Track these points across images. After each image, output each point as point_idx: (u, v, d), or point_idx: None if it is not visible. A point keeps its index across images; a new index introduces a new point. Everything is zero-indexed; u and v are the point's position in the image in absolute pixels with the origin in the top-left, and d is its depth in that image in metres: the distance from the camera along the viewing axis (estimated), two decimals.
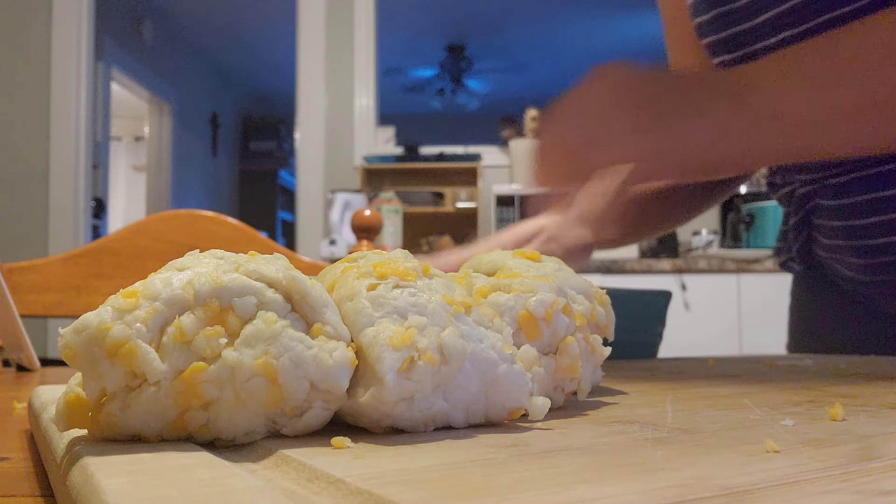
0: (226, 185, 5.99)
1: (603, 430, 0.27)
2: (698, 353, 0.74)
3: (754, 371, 0.49)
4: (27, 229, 3.05)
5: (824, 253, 0.69)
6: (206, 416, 0.25)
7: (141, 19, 4.44)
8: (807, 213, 0.69)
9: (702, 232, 2.84)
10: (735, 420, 0.28)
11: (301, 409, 0.26)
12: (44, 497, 0.26)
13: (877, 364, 0.53)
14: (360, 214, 1.11)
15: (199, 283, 0.25)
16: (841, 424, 0.27)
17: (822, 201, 0.66)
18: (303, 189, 3.12)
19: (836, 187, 0.64)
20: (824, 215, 0.67)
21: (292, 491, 0.19)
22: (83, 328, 0.24)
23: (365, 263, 0.30)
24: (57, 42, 3.09)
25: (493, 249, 0.39)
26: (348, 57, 3.16)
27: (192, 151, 5.19)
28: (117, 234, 1.11)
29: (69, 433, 0.26)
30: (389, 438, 0.26)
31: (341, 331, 0.27)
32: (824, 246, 0.68)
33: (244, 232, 1.13)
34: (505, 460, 0.22)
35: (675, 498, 0.17)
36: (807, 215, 0.69)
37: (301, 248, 3.03)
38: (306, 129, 3.14)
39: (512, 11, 4.54)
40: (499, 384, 0.28)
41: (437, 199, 3.20)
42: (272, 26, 4.79)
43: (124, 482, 0.19)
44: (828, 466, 0.20)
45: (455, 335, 0.27)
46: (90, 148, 3.20)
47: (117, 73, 4.16)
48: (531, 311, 0.32)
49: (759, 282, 2.42)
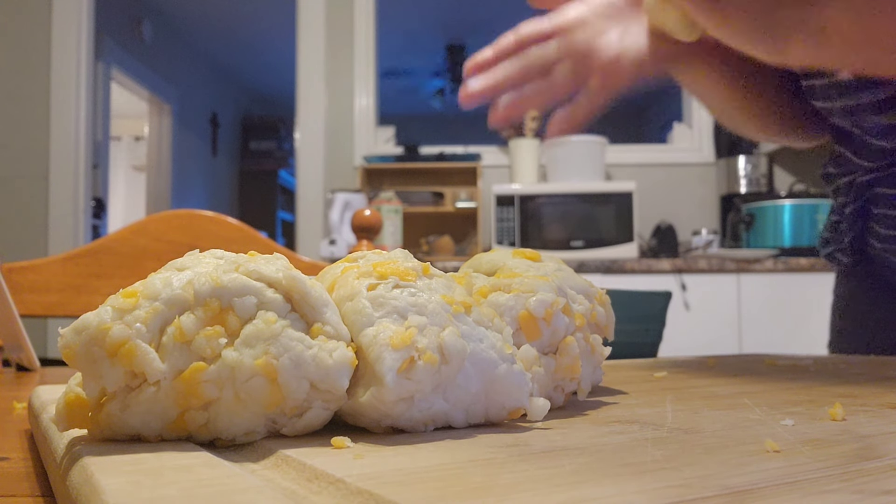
0: (226, 185, 5.99)
1: (603, 430, 0.27)
2: (698, 353, 0.73)
3: (754, 371, 0.49)
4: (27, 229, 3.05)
5: (880, 244, 0.68)
6: (206, 416, 0.25)
7: (141, 19, 4.44)
8: (866, 201, 0.68)
9: (702, 232, 2.84)
10: (735, 420, 0.28)
11: (301, 409, 0.26)
12: (44, 497, 0.26)
13: (877, 364, 0.53)
14: (359, 214, 1.11)
15: (199, 283, 0.25)
16: (841, 424, 0.27)
17: (884, 189, 0.65)
18: (303, 189, 3.12)
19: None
20: (885, 204, 0.65)
21: (292, 491, 0.19)
22: (83, 328, 0.24)
23: (365, 263, 0.30)
24: (57, 42, 3.09)
25: None
26: (348, 57, 3.16)
27: (191, 151, 5.19)
28: (117, 234, 1.11)
29: (69, 433, 0.26)
30: (389, 438, 0.26)
31: (341, 331, 0.27)
32: (882, 237, 0.67)
33: (244, 232, 1.13)
34: (505, 460, 0.22)
35: (675, 498, 0.17)
36: (866, 204, 0.68)
37: (301, 248, 3.03)
38: (306, 129, 3.15)
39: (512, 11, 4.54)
40: (499, 384, 0.28)
41: (436, 199, 3.19)
42: (272, 26, 4.79)
43: (124, 482, 0.19)
44: (828, 466, 0.20)
45: (455, 335, 0.27)
46: (90, 148, 3.20)
47: (117, 73, 4.16)
48: (531, 310, 0.32)
49: (759, 282, 2.42)
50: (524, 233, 2.67)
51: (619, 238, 2.63)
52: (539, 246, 2.66)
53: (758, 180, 2.89)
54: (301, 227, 3.11)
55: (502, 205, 2.68)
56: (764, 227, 2.69)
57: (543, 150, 2.96)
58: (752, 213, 2.74)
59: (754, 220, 2.72)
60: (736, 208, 2.83)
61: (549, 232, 2.68)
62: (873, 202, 0.67)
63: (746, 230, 2.75)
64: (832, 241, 0.75)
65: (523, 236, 2.67)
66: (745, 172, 2.89)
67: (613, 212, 2.65)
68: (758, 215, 2.72)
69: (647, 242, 2.87)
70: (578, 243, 2.65)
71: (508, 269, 0.35)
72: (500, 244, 2.66)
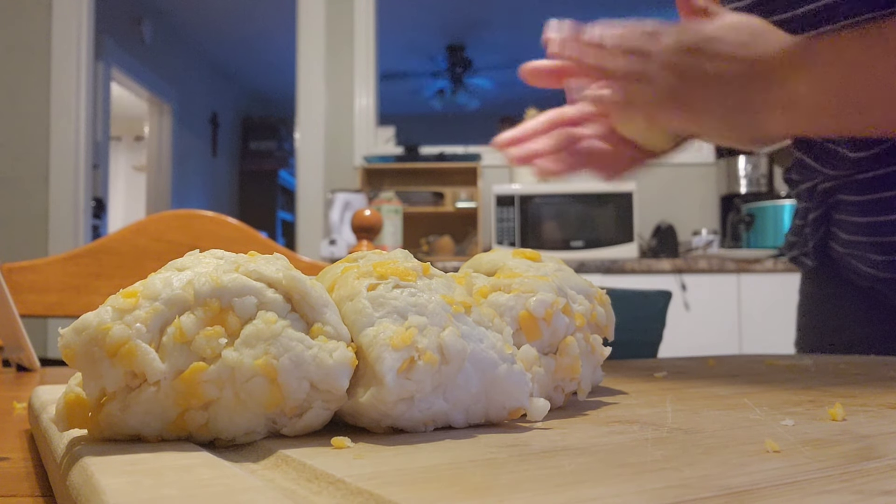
0: (226, 185, 5.99)
1: (603, 430, 0.27)
2: (698, 353, 0.74)
3: (754, 371, 0.49)
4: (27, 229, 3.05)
5: (842, 249, 0.69)
6: (206, 416, 0.25)
7: (141, 19, 4.44)
8: (828, 207, 0.69)
9: (702, 232, 2.84)
10: (735, 420, 0.28)
11: (301, 409, 0.26)
12: (44, 497, 0.26)
13: (877, 364, 0.53)
14: (360, 214, 1.11)
15: (199, 283, 0.25)
16: (841, 424, 0.27)
17: (846, 196, 0.66)
18: (303, 189, 3.12)
19: (861, 183, 0.64)
20: (847, 211, 0.67)
21: (292, 491, 0.19)
22: (83, 328, 0.24)
23: (365, 263, 0.30)
24: (57, 42, 3.09)
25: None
26: (348, 57, 3.16)
27: (192, 151, 5.19)
28: (117, 234, 1.11)
29: (69, 433, 0.26)
30: (389, 438, 0.26)
31: (341, 331, 0.27)
32: (843, 242, 0.68)
33: (244, 232, 1.13)
34: (505, 460, 0.22)
35: (675, 498, 0.17)
36: (828, 210, 0.69)
37: (301, 248, 3.03)
38: (306, 129, 3.14)
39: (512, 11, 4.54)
40: (499, 384, 0.28)
41: (437, 199, 3.20)
42: (272, 26, 4.79)
43: (124, 482, 0.19)
44: (828, 466, 0.20)
45: (455, 335, 0.27)
46: (90, 148, 3.20)
47: (117, 73, 4.16)
48: (531, 311, 0.32)
49: (759, 282, 2.42)
50: (524, 233, 2.67)
51: (619, 238, 2.63)
52: (539, 246, 2.66)
53: (758, 180, 2.89)
54: (301, 227, 3.11)
55: (502, 205, 2.68)
56: (764, 227, 2.69)
57: None
58: (753, 213, 2.74)
59: (754, 220, 2.73)
60: (736, 208, 2.83)
61: (549, 232, 2.68)
62: (835, 208, 0.69)
63: (746, 230, 2.76)
64: (796, 246, 0.77)
65: (523, 236, 2.67)
66: (746, 172, 2.89)
67: (613, 212, 2.65)
68: (758, 215, 2.72)
69: (647, 242, 2.87)
70: (578, 243, 2.65)
71: (508, 269, 0.35)
72: (500, 244, 2.66)
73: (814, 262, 0.74)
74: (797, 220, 0.76)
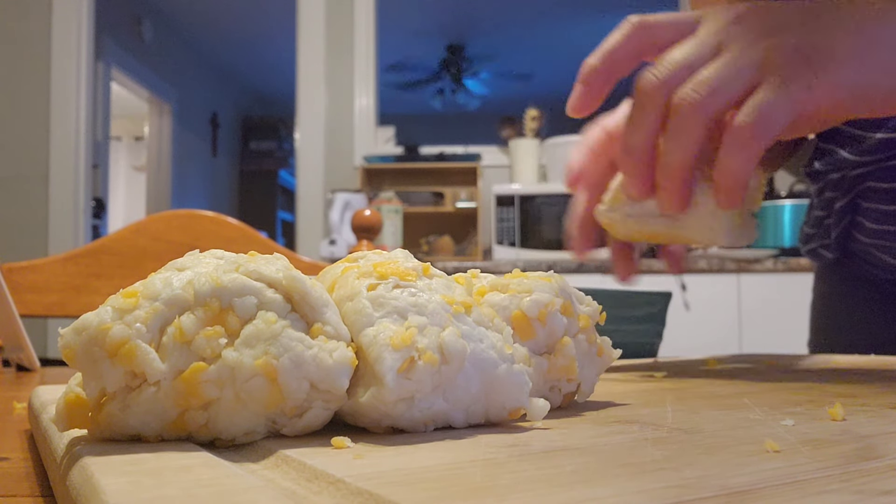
0: (226, 185, 5.99)
1: (603, 430, 0.27)
2: (698, 353, 0.73)
3: (754, 371, 0.49)
4: (27, 229, 3.05)
5: (867, 239, 0.67)
6: (206, 416, 0.25)
7: (141, 19, 4.44)
8: (856, 196, 0.67)
9: None
10: (735, 420, 0.28)
11: (301, 409, 0.26)
12: (44, 497, 0.26)
13: (877, 364, 0.53)
14: (360, 214, 1.11)
15: (199, 283, 0.25)
16: (841, 424, 0.27)
17: (876, 184, 0.65)
18: (303, 189, 3.12)
19: (892, 169, 0.63)
20: (875, 199, 0.65)
21: (292, 491, 0.19)
22: (83, 328, 0.24)
23: (365, 263, 0.30)
24: (57, 42, 3.09)
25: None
26: (348, 57, 3.16)
27: (192, 151, 5.19)
28: (117, 234, 1.11)
29: (69, 433, 0.26)
30: (389, 438, 0.26)
31: (341, 331, 0.27)
32: (869, 231, 0.67)
33: (244, 232, 1.13)
34: (505, 460, 0.22)
35: (675, 498, 0.17)
36: (855, 199, 0.68)
37: (301, 248, 3.03)
38: (306, 129, 3.14)
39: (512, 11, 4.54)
40: (499, 384, 0.28)
41: (437, 199, 3.20)
42: (272, 26, 4.79)
43: (124, 482, 0.19)
44: (828, 466, 0.20)
45: (455, 335, 0.27)
46: (90, 148, 3.20)
47: (117, 73, 4.16)
48: (524, 310, 0.31)
49: (759, 282, 2.42)
50: (524, 233, 2.67)
51: None
52: (539, 246, 2.66)
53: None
54: (301, 227, 3.11)
55: (502, 205, 2.68)
56: (764, 227, 2.69)
57: (543, 150, 2.96)
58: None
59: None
60: None
61: (549, 232, 2.68)
62: (863, 196, 0.67)
63: None
64: (815, 238, 0.75)
65: (523, 236, 2.67)
66: None
67: None
68: (758, 215, 2.72)
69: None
70: None
71: (516, 271, 0.35)
72: (500, 244, 2.66)
73: (834, 255, 0.72)
74: (817, 211, 0.74)
